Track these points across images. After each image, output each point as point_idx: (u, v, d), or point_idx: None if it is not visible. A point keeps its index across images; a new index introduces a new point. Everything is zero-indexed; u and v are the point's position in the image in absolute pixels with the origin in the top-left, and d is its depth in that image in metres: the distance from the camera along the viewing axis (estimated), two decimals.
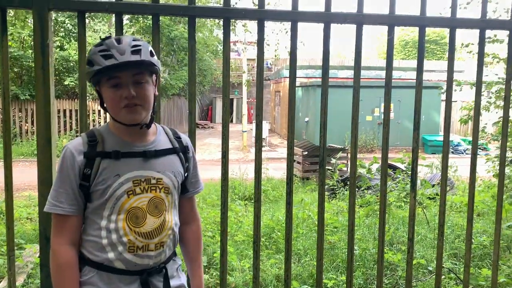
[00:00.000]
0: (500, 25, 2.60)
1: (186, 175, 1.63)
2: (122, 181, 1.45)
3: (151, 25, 2.36)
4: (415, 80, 2.54)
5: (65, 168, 1.44)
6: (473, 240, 4.18)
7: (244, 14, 2.47)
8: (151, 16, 2.35)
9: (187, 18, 2.35)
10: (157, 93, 1.59)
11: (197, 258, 1.76)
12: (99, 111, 15.00)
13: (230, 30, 2.41)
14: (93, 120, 14.97)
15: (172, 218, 1.56)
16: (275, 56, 13.64)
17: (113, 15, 2.32)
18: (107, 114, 1.56)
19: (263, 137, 15.20)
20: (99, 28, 14.92)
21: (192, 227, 1.74)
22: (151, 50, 1.47)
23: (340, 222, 5.08)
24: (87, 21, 14.62)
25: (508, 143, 5.10)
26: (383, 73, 20.96)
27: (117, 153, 1.46)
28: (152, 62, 1.46)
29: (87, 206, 1.48)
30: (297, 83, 19.62)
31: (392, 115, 16.97)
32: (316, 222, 2.56)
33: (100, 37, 1.49)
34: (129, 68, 1.41)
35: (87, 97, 16.71)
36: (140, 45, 1.43)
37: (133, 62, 1.40)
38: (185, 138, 1.67)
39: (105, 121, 14.85)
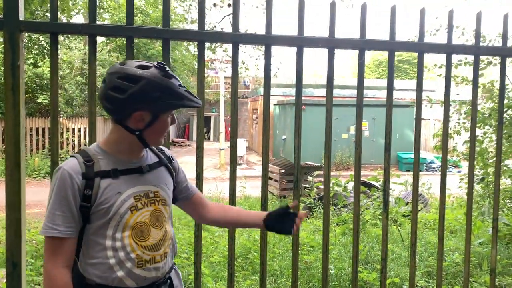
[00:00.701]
0: (465, 50, 2.70)
1: (176, 184, 1.70)
2: (124, 198, 1.46)
3: None
4: None
5: (63, 190, 1.41)
6: (445, 258, 4.26)
7: (219, 37, 2.50)
8: None
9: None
10: None
11: (239, 209, 1.87)
12: (73, 129, 14.75)
13: (205, 53, 2.43)
14: (67, 139, 14.70)
15: (170, 228, 1.62)
16: (256, 81, 13.95)
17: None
18: (81, 132, 1.58)
19: (240, 155, 15.09)
20: (74, 46, 14.79)
21: (213, 204, 1.85)
22: None
23: (317, 241, 5.08)
24: (61, 38, 14.48)
25: (480, 160, 5.25)
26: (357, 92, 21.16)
27: (115, 171, 1.47)
28: None
29: (85, 228, 1.46)
30: (275, 101, 19.83)
31: (367, 133, 17.26)
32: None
33: (164, 66, 1.47)
34: None
35: (61, 115, 16.26)
36: None
37: None
38: (167, 149, 1.75)
39: (79, 140, 14.59)
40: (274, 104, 20.00)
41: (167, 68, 1.47)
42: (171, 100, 1.44)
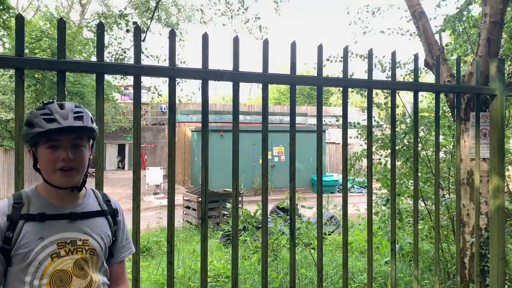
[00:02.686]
0: (360, 84, 2.90)
1: (114, 238, 1.64)
2: (46, 244, 1.43)
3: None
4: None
5: None
6: (355, 279, 4.44)
7: (119, 69, 2.42)
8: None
9: None
10: (91, 156, 1.61)
11: None
12: None
13: (104, 86, 2.34)
14: None
15: (100, 278, 1.55)
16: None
17: None
18: None
19: (157, 183, 14.56)
20: None
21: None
22: (91, 117, 1.53)
23: None
24: None
25: (383, 182, 5.60)
26: (274, 118, 21.71)
27: (42, 215, 1.44)
28: (93, 128, 1.52)
29: (8, 271, 1.43)
30: (193, 128, 19.72)
31: (283, 157, 17.78)
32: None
33: (42, 101, 1.52)
34: (70, 132, 1.46)
35: None
36: (82, 112, 1.50)
37: (76, 128, 1.45)
38: (115, 202, 1.71)
39: None
40: (192, 131, 19.90)
41: (47, 101, 1.50)
42: (26, 131, 1.46)
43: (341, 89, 2.81)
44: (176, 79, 2.57)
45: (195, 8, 12.97)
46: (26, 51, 13.59)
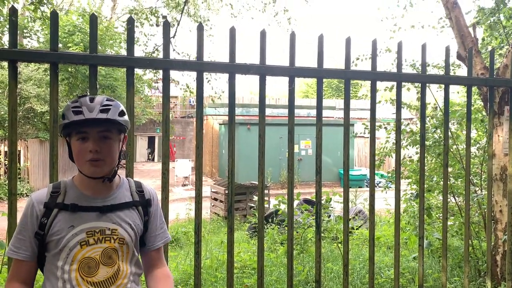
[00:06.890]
0: (388, 77, 2.86)
1: (145, 228, 1.65)
2: (76, 232, 1.50)
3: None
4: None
5: (25, 216, 1.53)
6: (382, 274, 4.40)
7: (149, 63, 2.48)
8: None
9: None
10: (124, 148, 1.64)
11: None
12: (5, 152, 13.90)
13: (134, 79, 2.40)
14: None
15: (129, 268, 1.58)
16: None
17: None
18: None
19: (185, 175, 14.71)
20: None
21: (161, 270, 1.70)
22: (122, 110, 1.55)
23: None
24: None
25: (414, 178, 5.49)
26: (301, 111, 21.45)
27: (74, 206, 1.52)
28: (119, 121, 1.52)
29: (46, 256, 1.54)
30: (220, 121, 19.87)
31: (310, 151, 17.70)
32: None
33: (76, 94, 1.49)
34: (96, 124, 1.49)
35: None
36: (110, 105, 1.52)
37: (101, 120, 1.48)
38: (150, 191, 1.70)
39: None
40: (219, 124, 20.05)
41: (81, 94, 1.55)
42: (59, 122, 1.53)
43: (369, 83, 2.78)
44: (204, 73, 2.61)
45: (225, 3, 12.94)
46: (60, 45, 13.96)
